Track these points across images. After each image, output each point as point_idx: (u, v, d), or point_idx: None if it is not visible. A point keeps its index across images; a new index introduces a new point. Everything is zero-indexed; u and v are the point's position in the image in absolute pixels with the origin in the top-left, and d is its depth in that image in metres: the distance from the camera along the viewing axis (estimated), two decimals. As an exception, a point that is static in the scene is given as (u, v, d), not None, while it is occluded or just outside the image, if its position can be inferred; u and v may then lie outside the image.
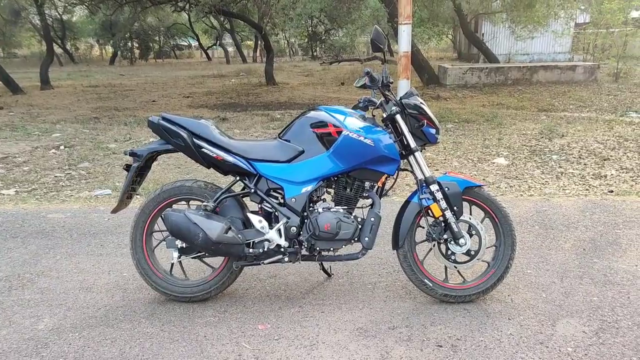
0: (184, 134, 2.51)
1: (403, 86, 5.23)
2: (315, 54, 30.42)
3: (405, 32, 5.18)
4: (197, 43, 35.92)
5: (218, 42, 34.74)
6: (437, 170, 5.36)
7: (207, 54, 34.82)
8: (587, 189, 4.67)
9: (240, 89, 14.44)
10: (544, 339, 2.33)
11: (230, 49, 34.03)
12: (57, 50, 26.05)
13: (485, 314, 2.56)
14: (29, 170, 5.70)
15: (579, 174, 5.12)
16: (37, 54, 28.45)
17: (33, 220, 4.03)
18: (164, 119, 2.56)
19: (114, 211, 2.74)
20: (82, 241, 3.61)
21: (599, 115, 8.38)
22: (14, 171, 5.68)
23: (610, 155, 5.74)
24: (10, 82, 13.57)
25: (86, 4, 17.62)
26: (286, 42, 33.50)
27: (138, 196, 4.15)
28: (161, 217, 2.58)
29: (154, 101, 12.06)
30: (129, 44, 31.63)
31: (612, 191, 4.57)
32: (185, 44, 40.41)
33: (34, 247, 3.50)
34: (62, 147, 6.83)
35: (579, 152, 5.97)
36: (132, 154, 2.60)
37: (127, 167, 2.63)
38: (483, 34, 19.18)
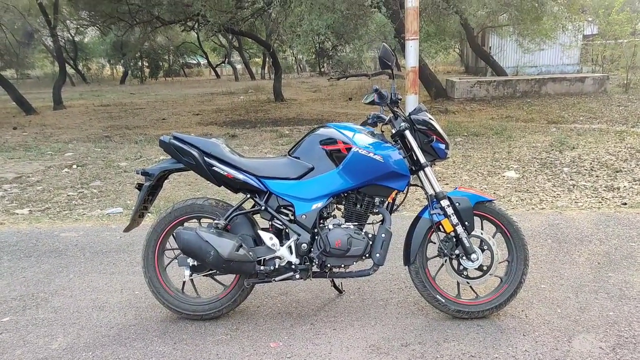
0: (195, 152, 2.54)
1: (411, 101, 5.26)
2: (322, 70, 30.71)
3: (412, 48, 5.23)
4: (206, 61, 36.43)
5: (227, 60, 35.21)
6: (446, 184, 5.35)
7: (216, 72, 35.28)
8: (600, 202, 4.62)
9: (249, 105, 14.57)
10: (560, 356, 2.29)
11: (239, 67, 34.44)
12: (70, 70, 26.56)
13: (499, 330, 2.53)
14: (42, 190, 5.77)
15: (591, 187, 5.08)
16: (50, 75, 29.05)
17: (46, 240, 4.07)
18: (175, 138, 2.59)
19: (127, 230, 2.76)
20: (95, 260, 3.64)
21: (609, 127, 8.32)
22: (27, 190, 5.75)
23: (623, 167, 5.69)
24: (23, 103, 13.83)
25: (98, 25, 17.97)
26: (294, 58, 33.87)
27: (150, 214, 4.18)
28: (173, 235, 2.60)
29: (164, 119, 12.20)
30: (139, 63, 32.19)
31: (625, 203, 4.52)
32: (194, 62, 41.00)
33: (47, 266, 3.53)
34: (74, 166, 6.92)
35: (591, 164, 5.93)
36: (144, 173, 2.62)
37: (139, 186, 2.66)
38: (490, 47, 19.25)
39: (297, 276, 2.57)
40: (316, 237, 2.54)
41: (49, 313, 2.86)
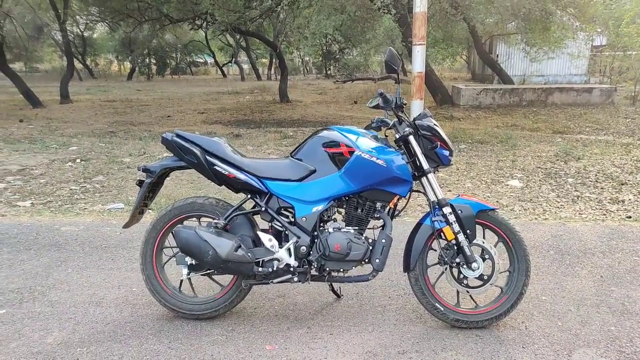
0: (197, 151, 2.52)
1: (416, 107, 5.23)
2: (329, 72, 30.69)
3: (419, 53, 5.20)
4: (213, 60, 36.46)
5: (233, 59, 35.22)
6: (449, 191, 5.31)
7: (222, 71, 35.30)
8: (604, 214, 4.58)
9: (254, 106, 14.57)
10: (559, 369, 2.26)
11: (246, 67, 34.45)
12: (77, 65, 26.61)
13: (498, 341, 2.50)
14: (45, 183, 5.77)
15: (596, 199, 5.04)
16: (58, 69, 29.15)
17: (47, 233, 4.06)
18: (177, 135, 2.58)
19: (126, 226, 2.75)
20: (94, 255, 3.63)
21: (616, 139, 8.27)
22: (30, 183, 5.75)
23: (628, 180, 5.65)
24: (30, 96, 13.86)
25: (107, 21, 18.04)
26: (300, 60, 33.86)
27: (150, 211, 4.17)
28: (172, 233, 2.58)
29: (169, 116, 12.21)
30: (147, 60, 32.22)
31: (630, 217, 4.47)
32: (201, 60, 40.99)
33: (46, 260, 3.52)
34: (78, 161, 6.92)
35: (596, 175, 5.88)
36: (145, 170, 2.61)
37: (140, 183, 2.64)
38: (498, 55, 19.18)
39: (296, 279, 2.56)
40: (316, 240, 2.52)
41: (45, 307, 2.84)
